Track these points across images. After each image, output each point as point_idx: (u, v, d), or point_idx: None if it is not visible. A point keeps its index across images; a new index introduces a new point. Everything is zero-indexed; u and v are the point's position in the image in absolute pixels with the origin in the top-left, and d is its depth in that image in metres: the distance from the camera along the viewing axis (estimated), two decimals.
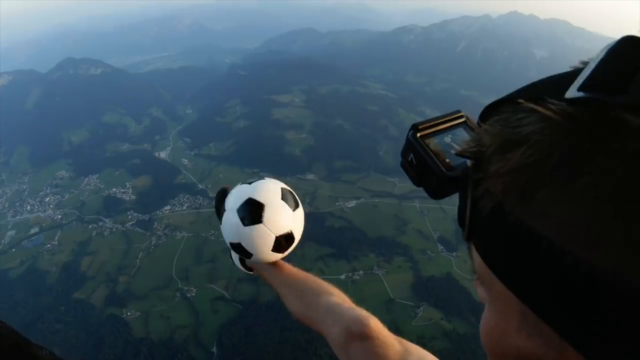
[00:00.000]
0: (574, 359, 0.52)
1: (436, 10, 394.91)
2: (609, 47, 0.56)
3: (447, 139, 0.89)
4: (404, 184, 66.50)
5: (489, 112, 0.66)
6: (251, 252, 2.23)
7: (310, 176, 70.62)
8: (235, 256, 2.51)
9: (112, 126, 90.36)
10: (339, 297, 2.08)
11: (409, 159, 0.89)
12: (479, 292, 0.72)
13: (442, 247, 54.25)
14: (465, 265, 49.77)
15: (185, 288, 49.08)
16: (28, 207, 64.91)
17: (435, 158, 0.83)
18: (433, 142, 0.86)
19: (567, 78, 0.57)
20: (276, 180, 2.41)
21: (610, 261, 0.44)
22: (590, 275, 0.45)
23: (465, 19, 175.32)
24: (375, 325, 1.73)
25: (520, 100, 0.58)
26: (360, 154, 75.68)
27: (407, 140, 0.90)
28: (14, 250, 56.95)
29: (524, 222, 0.52)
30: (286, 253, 2.30)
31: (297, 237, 2.30)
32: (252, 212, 2.18)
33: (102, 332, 43.84)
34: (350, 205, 62.65)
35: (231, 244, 2.29)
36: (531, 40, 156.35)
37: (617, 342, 0.46)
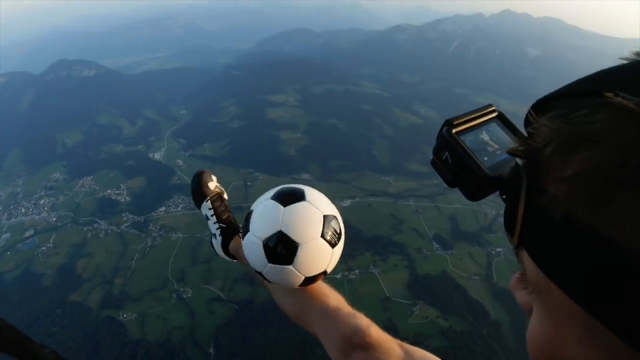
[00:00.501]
0: None
1: (429, 10, 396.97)
2: None
3: (484, 135, 0.85)
4: (399, 182, 66.78)
5: (543, 106, 0.61)
6: (273, 282, 2.01)
7: (305, 176, 70.58)
8: (217, 244, 2.55)
9: (106, 127, 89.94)
10: (335, 299, 2.03)
11: (444, 157, 0.83)
12: (519, 297, 0.69)
13: (437, 246, 54.40)
14: (460, 263, 50.14)
15: (182, 289, 49.01)
16: (22, 210, 64.51)
17: (475, 156, 0.78)
18: (469, 139, 0.82)
19: (631, 71, 0.53)
20: (320, 200, 2.01)
21: None
22: None
23: (458, 18, 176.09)
24: (376, 333, 1.73)
25: (593, 97, 0.51)
26: (354, 153, 75.83)
27: (441, 137, 0.84)
28: (9, 253, 56.58)
29: (597, 229, 0.47)
30: (339, 248, 2.05)
31: (330, 271, 2.08)
32: (283, 251, 1.88)
33: (99, 334, 43.70)
34: (345, 205, 62.58)
35: (254, 269, 2.03)
36: (524, 39, 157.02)
37: None
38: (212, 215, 2.56)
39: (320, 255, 1.95)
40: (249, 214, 2.03)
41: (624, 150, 0.45)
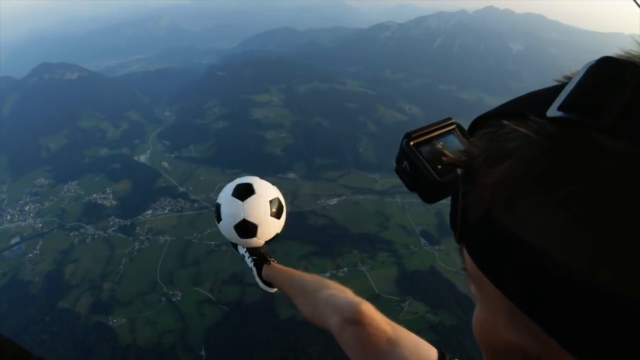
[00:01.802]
0: (556, 350, 0.56)
1: (413, 7, 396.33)
2: (588, 66, 0.59)
3: (439, 145, 0.93)
4: (385, 180, 67.04)
5: (477, 124, 0.71)
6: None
7: (291, 175, 70.81)
8: (256, 276, 3.09)
9: (90, 131, 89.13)
10: (338, 289, 2.27)
11: (403, 165, 0.93)
12: (472, 289, 0.76)
13: (424, 241, 54.90)
14: (448, 258, 50.53)
15: (171, 292, 48.96)
16: (8, 217, 63.80)
17: (427, 165, 0.88)
18: (426, 150, 0.91)
19: (550, 94, 0.62)
20: (265, 189, 3.01)
21: (587, 267, 0.49)
22: (565, 277, 0.51)
23: (441, 14, 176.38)
24: (368, 310, 1.86)
25: (505, 122, 0.62)
26: (340, 152, 76.05)
27: (401, 148, 0.94)
28: None
29: (509, 228, 0.57)
30: (244, 241, 2.95)
31: (263, 235, 2.94)
32: (248, 230, 2.87)
33: (89, 340, 43.51)
34: (332, 203, 62.96)
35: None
36: (507, 34, 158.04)
37: (591, 333, 0.51)
38: (245, 252, 3.20)
39: (272, 226, 2.95)
40: (218, 206, 2.99)
41: (525, 166, 0.56)
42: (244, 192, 2.91)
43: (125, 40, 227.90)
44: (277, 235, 3.00)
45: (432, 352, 1.71)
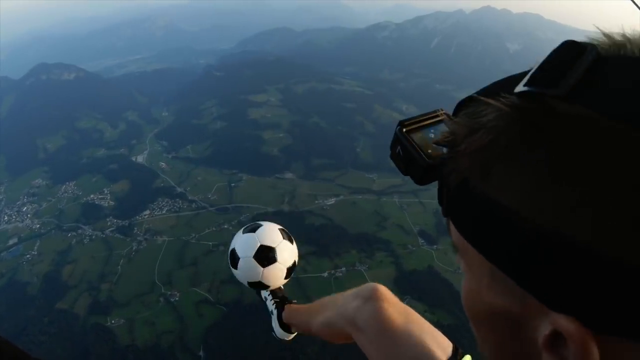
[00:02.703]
0: (534, 307, 0.61)
1: (410, 7, 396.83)
2: (552, 49, 0.65)
3: (431, 134, 0.98)
4: (382, 179, 67.08)
5: (460, 107, 0.77)
6: (268, 283, 2.94)
7: (288, 175, 70.83)
8: (274, 322, 3.06)
9: (88, 132, 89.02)
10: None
11: (397, 151, 0.99)
12: (461, 266, 0.80)
13: (422, 241, 54.95)
14: (446, 258, 50.55)
15: (169, 293, 48.91)
16: (5, 218, 63.61)
17: (418, 149, 0.92)
18: (417, 136, 0.96)
19: (522, 76, 0.67)
20: (271, 227, 3.03)
21: (550, 220, 0.55)
22: (537, 233, 0.56)
23: (438, 14, 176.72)
24: (384, 289, 1.86)
25: (479, 97, 0.70)
26: (337, 152, 76.08)
27: (395, 135, 1.00)
28: None
29: (484, 192, 0.64)
30: (291, 276, 3.00)
31: (297, 261, 3.02)
32: (267, 255, 2.87)
33: (87, 341, 43.51)
34: (329, 203, 62.93)
35: (249, 282, 2.95)
36: (504, 34, 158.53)
37: (562, 284, 0.55)
38: (268, 294, 3.18)
39: (289, 249, 2.96)
40: (232, 250, 3.00)
41: (497, 134, 0.62)
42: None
43: (122, 40, 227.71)
44: (295, 265, 3.06)
45: (447, 342, 1.68)
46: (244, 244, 3.00)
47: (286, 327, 2.97)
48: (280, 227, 3.07)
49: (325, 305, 2.31)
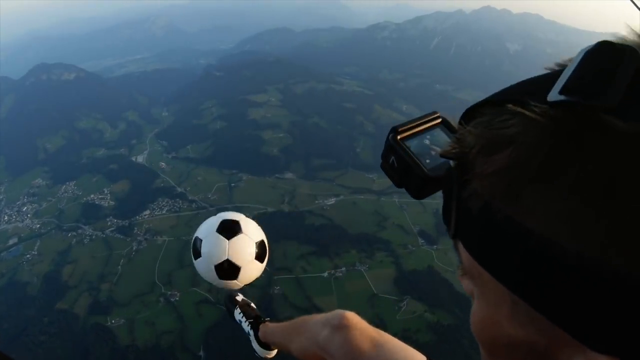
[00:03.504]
0: (567, 342, 0.56)
1: (410, 7, 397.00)
2: (586, 50, 0.59)
3: (426, 140, 0.93)
4: (382, 179, 66.94)
5: (471, 113, 0.70)
6: (202, 253, 2.84)
7: (288, 175, 70.87)
8: (253, 341, 3.09)
9: (88, 132, 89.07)
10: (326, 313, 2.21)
11: (390, 161, 0.92)
12: (465, 286, 0.77)
13: (422, 241, 54.96)
14: (446, 258, 50.58)
15: (169, 292, 48.96)
16: (5, 218, 63.67)
17: (417, 159, 0.86)
18: (414, 144, 0.90)
19: (546, 80, 0.61)
20: (252, 229, 2.92)
21: (594, 250, 0.48)
22: (575, 264, 0.50)
23: (438, 14, 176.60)
24: (352, 316, 1.91)
25: (509, 105, 0.61)
26: (337, 152, 76.10)
27: (388, 143, 0.93)
28: None
29: (512, 218, 0.56)
30: (222, 282, 2.87)
31: (243, 279, 2.88)
32: (229, 272, 2.79)
33: (87, 341, 43.58)
34: (329, 203, 62.97)
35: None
36: (504, 35, 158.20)
37: (604, 320, 0.50)
38: (242, 317, 3.22)
39: (254, 270, 2.83)
40: (197, 241, 2.89)
41: (529, 151, 0.55)
42: (231, 230, 2.75)
43: (122, 40, 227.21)
44: (255, 279, 2.89)
45: (420, 356, 1.72)
46: (205, 227, 2.93)
47: (265, 345, 3.02)
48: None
49: (298, 329, 2.34)
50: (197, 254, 2.83)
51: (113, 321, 45.67)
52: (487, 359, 0.76)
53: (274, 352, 3.01)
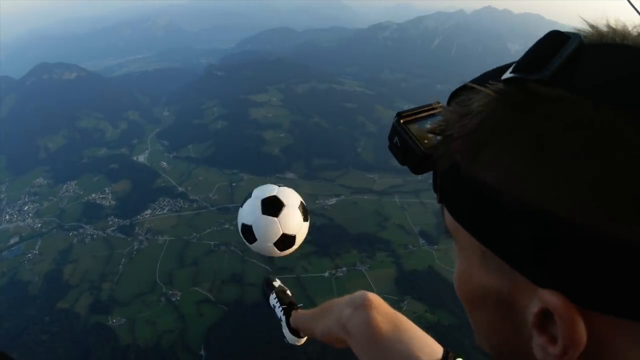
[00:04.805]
0: (523, 285, 0.64)
1: (411, 7, 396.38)
2: (537, 39, 0.72)
3: (427, 125, 1.03)
4: (383, 180, 67.11)
5: (452, 96, 0.82)
6: (257, 237, 2.90)
7: (289, 175, 70.81)
8: (284, 328, 3.08)
9: (89, 131, 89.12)
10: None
11: (395, 141, 1.03)
12: (455, 250, 0.84)
13: (423, 241, 54.91)
14: (446, 258, 50.54)
15: (170, 292, 48.96)
16: (7, 217, 63.65)
17: (415, 139, 0.97)
18: (414, 127, 1.02)
19: (510, 66, 0.73)
20: (297, 194, 3.06)
21: (533, 197, 0.58)
22: (521, 210, 0.59)
23: (439, 15, 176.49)
24: (375, 297, 1.94)
25: (469, 85, 0.77)
26: (338, 152, 76.07)
27: (393, 125, 1.05)
28: None
29: (473, 174, 0.67)
30: (283, 253, 3.02)
31: (298, 243, 3.02)
32: (274, 205, 2.87)
33: (88, 340, 43.55)
34: (330, 203, 62.96)
35: (243, 224, 2.95)
36: (505, 35, 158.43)
37: (550, 261, 0.58)
38: (277, 302, 3.20)
39: (296, 218, 2.90)
40: (247, 227, 2.94)
41: (484, 118, 0.67)
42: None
43: (123, 40, 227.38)
44: (294, 239, 3.07)
45: (437, 347, 1.73)
46: (262, 188, 3.07)
47: (295, 332, 3.04)
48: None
49: (325, 311, 2.35)
50: (253, 239, 2.95)
51: (114, 320, 45.67)
52: (470, 317, 0.85)
53: (303, 340, 3.07)
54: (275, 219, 2.86)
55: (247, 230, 2.93)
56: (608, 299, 0.56)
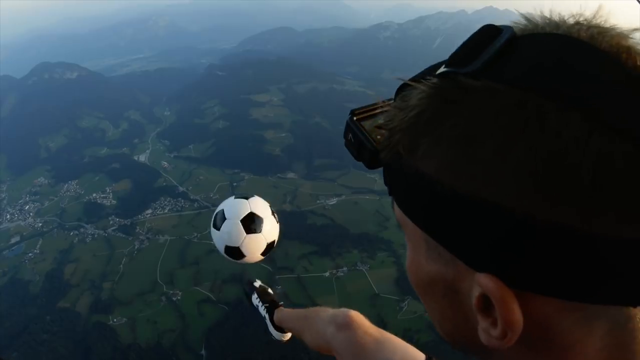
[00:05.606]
0: (464, 270, 0.66)
1: (412, 7, 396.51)
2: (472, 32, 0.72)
3: (380, 119, 1.00)
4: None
5: (397, 93, 0.82)
6: (245, 254, 2.99)
7: (290, 175, 70.86)
8: (269, 325, 3.26)
9: (90, 131, 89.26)
10: (334, 308, 2.31)
11: (349, 138, 1.04)
12: (406, 241, 0.84)
13: None
14: None
15: (171, 292, 48.99)
16: (8, 216, 63.77)
17: (368, 135, 0.97)
18: (367, 124, 1.02)
19: (441, 62, 0.75)
20: (264, 200, 3.19)
21: (463, 183, 0.60)
22: (453, 196, 0.61)
23: (441, 14, 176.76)
24: (356, 315, 2.01)
25: (406, 81, 0.78)
26: (339, 152, 75.53)
27: (346, 123, 1.06)
28: None
29: (412, 165, 0.68)
30: (264, 257, 3.09)
31: (276, 241, 3.10)
32: (255, 224, 2.95)
33: (89, 340, 43.61)
34: (331, 203, 62.94)
35: (227, 247, 3.01)
36: None
37: (481, 244, 0.60)
38: (259, 301, 3.41)
39: (273, 226, 3.06)
40: (220, 211, 3.07)
41: (419, 111, 0.67)
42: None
43: (124, 39, 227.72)
44: (274, 244, 3.10)
45: (419, 355, 1.79)
46: (233, 207, 3.10)
47: (280, 329, 3.21)
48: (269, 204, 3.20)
49: (309, 319, 2.49)
50: (241, 257, 3.05)
51: (115, 320, 45.69)
52: (423, 303, 0.86)
53: (289, 335, 3.22)
54: (260, 234, 2.97)
55: (234, 251, 3.01)
56: (542, 281, 0.58)
